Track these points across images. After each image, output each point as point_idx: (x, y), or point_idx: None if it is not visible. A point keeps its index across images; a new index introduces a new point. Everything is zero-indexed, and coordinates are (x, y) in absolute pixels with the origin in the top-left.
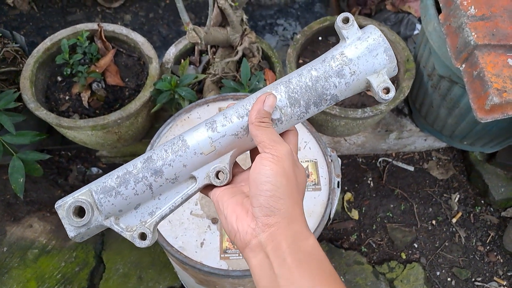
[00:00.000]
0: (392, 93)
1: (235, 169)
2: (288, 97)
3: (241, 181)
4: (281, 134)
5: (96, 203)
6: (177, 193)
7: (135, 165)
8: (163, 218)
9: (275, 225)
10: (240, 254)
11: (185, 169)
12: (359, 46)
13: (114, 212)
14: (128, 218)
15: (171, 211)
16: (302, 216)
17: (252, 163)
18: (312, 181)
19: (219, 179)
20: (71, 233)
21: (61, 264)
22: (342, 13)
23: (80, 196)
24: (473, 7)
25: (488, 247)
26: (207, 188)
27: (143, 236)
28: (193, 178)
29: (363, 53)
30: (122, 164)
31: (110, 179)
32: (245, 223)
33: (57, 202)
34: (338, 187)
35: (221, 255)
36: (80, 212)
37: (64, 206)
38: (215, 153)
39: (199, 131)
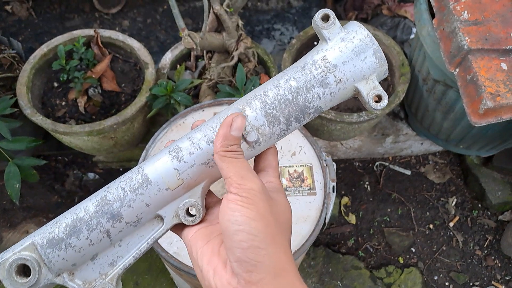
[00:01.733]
0: (384, 102)
1: (208, 198)
2: (266, 114)
3: (216, 216)
4: (259, 154)
5: (43, 259)
6: (141, 236)
7: (86, 209)
8: (126, 268)
9: (259, 282)
10: None
11: (148, 209)
12: (343, 49)
13: (67, 267)
14: (84, 271)
15: (136, 259)
16: (291, 265)
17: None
18: (307, 186)
19: (191, 217)
20: None
21: None
22: (320, 10)
23: (22, 251)
24: (466, 12)
25: (485, 251)
26: (177, 227)
27: None
28: (159, 217)
29: (349, 57)
30: (118, 170)
31: (57, 229)
32: (224, 279)
33: None
34: (333, 191)
35: None
36: (25, 270)
37: (4, 264)
38: (183, 187)
39: (162, 162)
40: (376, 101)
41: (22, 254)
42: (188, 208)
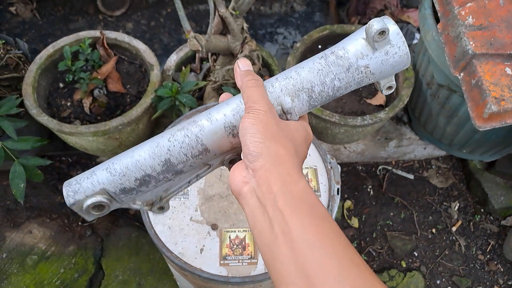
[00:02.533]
0: (393, 89)
1: None
2: (309, 105)
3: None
4: None
5: (116, 199)
6: (191, 173)
7: (153, 168)
8: (177, 193)
9: (260, 168)
10: (240, 261)
11: (204, 164)
12: (385, 62)
13: (133, 199)
14: (144, 196)
15: (186, 188)
16: (289, 159)
17: None
18: (312, 188)
19: (231, 164)
20: (89, 218)
21: (60, 271)
22: (379, 23)
23: (96, 195)
24: (471, 17)
25: (488, 256)
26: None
27: (161, 209)
28: (208, 164)
29: (386, 69)
30: None
31: (128, 181)
32: (237, 173)
33: (67, 198)
34: (337, 194)
35: (221, 262)
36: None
37: (80, 204)
38: (231, 148)
39: (218, 134)
40: (388, 89)
41: (98, 198)
42: (230, 160)
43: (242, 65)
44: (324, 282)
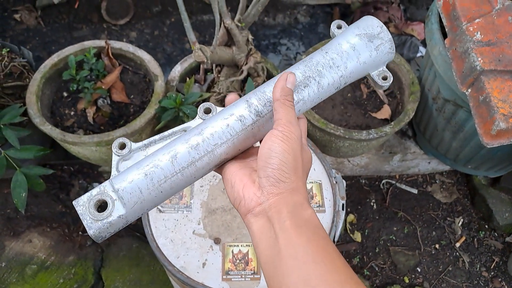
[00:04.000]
0: (390, 80)
1: None
2: (319, 94)
3: (250, 155)
4: None
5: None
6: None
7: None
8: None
9: (279, 195)
10: (243, 276)
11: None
12: (373, 56)
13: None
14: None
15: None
16: (304, 191)
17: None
18: (316, 203)
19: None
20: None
21: (59, 281)
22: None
23: (114, 213)
24: (479, 32)
25: (492, 273)
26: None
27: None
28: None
29: (375, 61)
30: None
31: (153, 193)
32: (251, 191)
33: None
34: (343, 209)
35: (223, 277)
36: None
37: (107, 222)
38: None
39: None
40: (383, 79)
41: (117, 219)
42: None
43: (290, 83)
44: None
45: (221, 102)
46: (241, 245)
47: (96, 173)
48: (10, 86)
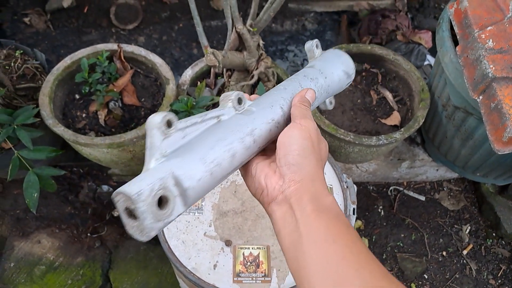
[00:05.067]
0: (334, 103)
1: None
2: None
3: (269, 150)
4: None
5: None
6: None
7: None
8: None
9: (300, 181)
10: (254, 278)
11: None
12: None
13: None
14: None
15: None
16: (324, 180)
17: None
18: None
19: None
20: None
21: (67, 282)
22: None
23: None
24: (491, 40)
25: (499, 281)
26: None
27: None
28: None
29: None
30: None
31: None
32: (273, 180)
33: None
34: (353, 214)
35: (234, 279)
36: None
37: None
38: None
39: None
40: (330, 104)
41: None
42: None
43: (309, 96)
44: (345, 272)
45: None
46: (252, 248)
47: (105, 175)
48: (23, 87)
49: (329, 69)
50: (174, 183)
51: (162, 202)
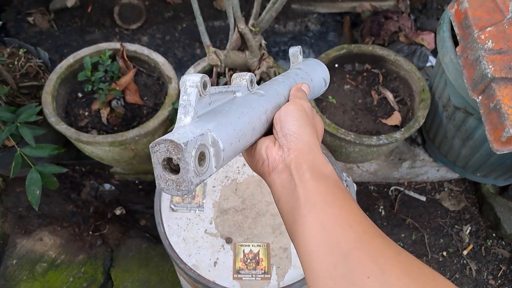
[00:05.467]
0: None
1: None
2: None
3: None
4: None
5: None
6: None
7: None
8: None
9: (298, 149)
10: (253, 275)
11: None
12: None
13: None
14: None
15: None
16: (321, 152)
17: None
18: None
19: None
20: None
21: (69, 279)
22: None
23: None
24: (490, 41)
25: (499, 281)
26: None
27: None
28: None
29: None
30: (134, 182)
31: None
32: (273, 151)
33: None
34: None
35: (234, 276)
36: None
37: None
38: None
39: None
40: None
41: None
42: None
43: (306, 89)
44: (341, 233)
45: None
46: (252, 245)
47: (107, 173)
48: (26, 86)
49: (313, 74)
50: (211, 143)
51: (200, 158)
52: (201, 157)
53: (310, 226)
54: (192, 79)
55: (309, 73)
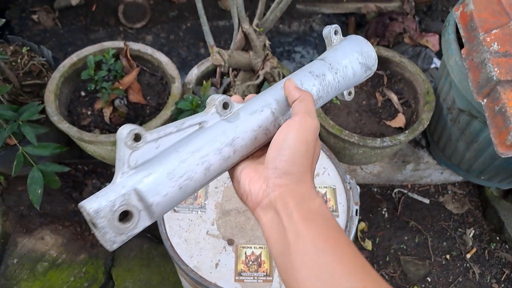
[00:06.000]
0: (352, 94)
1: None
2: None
3: (259, 156)
4: None
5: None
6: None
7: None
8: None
9: (284, 186)
10: (255, 278)
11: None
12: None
13: None
14: None
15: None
16: (311, 181)
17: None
18: (330, 208)
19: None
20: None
21: (70, 279)
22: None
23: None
24: (496, 43)
25: (502, 285)
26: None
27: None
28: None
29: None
30: None
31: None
32: (257, 185)
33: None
34: (356, 215)
35: (236, 278)
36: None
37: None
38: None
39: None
40: (349, 94)
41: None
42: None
43: (295, 83)
44: (336, 284)
45: None
46: (254, 247)
47: (109, 173)
48: (29, 84)
49: (342, 62)
50: (137, 198)
51: (126, 215)
52: (125, 216)
53: (303, 278)
54: (119, 134)
55: (334, 63)
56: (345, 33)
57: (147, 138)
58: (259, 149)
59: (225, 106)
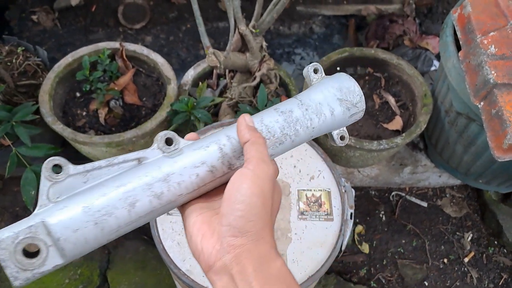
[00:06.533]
0: (346, 140)
1: None
2: (288, 149)
3: (215, 195)
4: None
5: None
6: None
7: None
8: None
9: (240, 246)
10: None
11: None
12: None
13: None
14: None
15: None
16: (271, 238)
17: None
18: (324, 211)
19: None
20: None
21: (65, 281)
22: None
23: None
24: (493, 46)
25: None
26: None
27: None
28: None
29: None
30: None
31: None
32: (209, 244)
33: None
34: (351, 218)
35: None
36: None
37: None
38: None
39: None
40: (341, 139)
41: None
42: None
43: (249, 120)
44: None
45: (233, 108)
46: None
47: None
48: (24, 84)
49: (315, 98)
50: (46, 232)
51: (37, 251)
52: (30, 250)
53: None
54: (44, 163)
55: (305, 100)
56: (345, 35)
57: (69, 171)
58: (215, 189)
59: (169, 142)
